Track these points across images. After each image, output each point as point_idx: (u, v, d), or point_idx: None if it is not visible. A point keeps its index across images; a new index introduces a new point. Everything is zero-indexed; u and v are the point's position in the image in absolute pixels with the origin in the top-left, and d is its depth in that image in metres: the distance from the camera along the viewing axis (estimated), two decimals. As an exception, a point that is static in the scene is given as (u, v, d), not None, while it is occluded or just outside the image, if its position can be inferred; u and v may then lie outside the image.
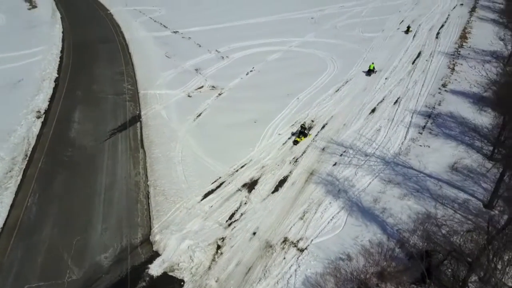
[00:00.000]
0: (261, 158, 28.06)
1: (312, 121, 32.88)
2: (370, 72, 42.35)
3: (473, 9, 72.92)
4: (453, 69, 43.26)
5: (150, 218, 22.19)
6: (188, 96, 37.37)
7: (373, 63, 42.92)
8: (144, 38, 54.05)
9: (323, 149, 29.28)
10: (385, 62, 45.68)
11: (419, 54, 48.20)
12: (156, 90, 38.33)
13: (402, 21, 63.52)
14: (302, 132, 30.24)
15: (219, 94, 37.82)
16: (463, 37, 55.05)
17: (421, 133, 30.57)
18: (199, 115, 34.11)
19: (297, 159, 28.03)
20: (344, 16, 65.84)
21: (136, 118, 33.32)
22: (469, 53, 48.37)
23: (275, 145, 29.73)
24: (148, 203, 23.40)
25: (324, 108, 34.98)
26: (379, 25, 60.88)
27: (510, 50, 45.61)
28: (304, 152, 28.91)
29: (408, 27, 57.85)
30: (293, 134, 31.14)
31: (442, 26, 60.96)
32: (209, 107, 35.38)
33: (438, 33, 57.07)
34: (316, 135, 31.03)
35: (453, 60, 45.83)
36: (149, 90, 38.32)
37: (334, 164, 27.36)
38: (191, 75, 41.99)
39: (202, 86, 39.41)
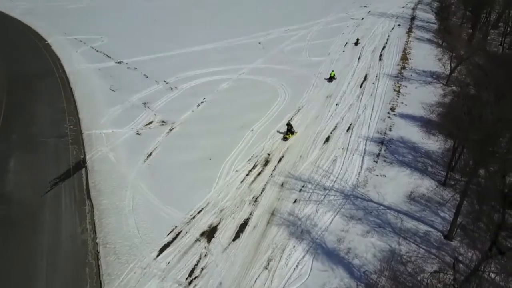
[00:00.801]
0: (219, 200, 26.79)
1: (269, 154, 32.20)
2: (331, 79, 47.91)
3: (410, 30, 76.99)
4: (398, 92, 44.75)
5: (100, 284, 20.04)
6: (137, 134, 35.40)
7: (333, 71, 48.99)
8: (86, 70, 51.16)
9: (282, 185, 28.58)
10: (334, 87, 46.44)
11: (366, 77, 49.57)
12: (102, 130, 35.95)
13: (346, 43, 65.58)
14: (289, 130, 34.46)
15: (170, 130, 36.22)
16: (404, 58, 57.60)
17: (376, 162, 30.84)
18: (150, 154, 32.28)
19: (256, 199, 27.07)
20: (290, 40, 66.77)
21: (81, 164, 30.82)
22: (411, 75, 50.48)
23: (233, 184, 28.62)
24: (98, 266, 21.22)
25: (279, 139, 34.46)
26: (324, 48, 62.32)
27: (448, 71, 48.07)
28: (263, 189, 28.04)
29: (357, 40, 63.06)
30: (280, 132, 35.55)
31: (384, 47, 63.59)
32: (160, 145, 33.66)
33: (381, 55, 59.37)
34: (273, 170, 30.32)
35: (398, 83, 47.51)
36: (94, 130, 35.84)
37: (295, 201, 26.70)
38: (139, 110, 40.02)
39: (151, 122, 37.61)
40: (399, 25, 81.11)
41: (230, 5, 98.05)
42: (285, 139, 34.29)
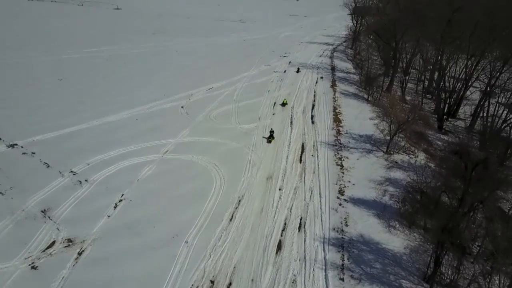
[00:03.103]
0: None
1: (212, 282, 25.58)
2: (284, 104, 56.06)
3: (334, 83, 77.11)
4: (342, 166, 41.48)
5: None
6: (33, 267, 26.52)
7: (285, 99, 59.54)
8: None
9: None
10: (273, 164, 41.88)
11: (303, 147, 46.04)
12: (-22, 266, 26.43)
13: (275, 103, 62.49)
14: (271, 135, 46.25)
15: (80, 254, 27.94)
16: (337, 119, 55.65)
17: (342, 279, 25.91)
18: (51, 302, 23.80)
19: None
20: (215, 102, 61.88)
21: None
22: (349, 141, 48.07)
23: None
24: None
25: (222, 254, 28.14)
26: (253, 111, 58.40)
27: (385, 133, 46.27)
28: None
29: (298, 69, 64.69)
30: (264, 137, 45.58)
31: (313, 106, 61.54)
32: (66, 283, 25.26)
33: (312, 116, 56.88)
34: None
35: (338, 153, 44.52)
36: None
37: None
38: (36, 223, 30.98)
39: (53, 243, 28.91)
40: (321, 77, 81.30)
41: (144, 61, 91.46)
42: (269, 142, 45.97)
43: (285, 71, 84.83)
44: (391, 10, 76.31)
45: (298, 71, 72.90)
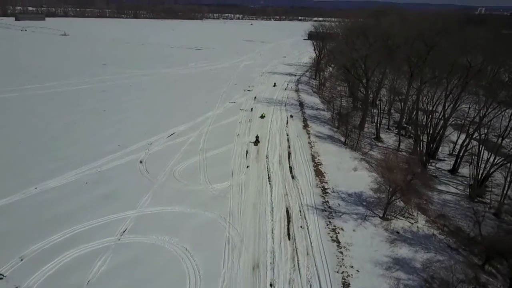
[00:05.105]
0: None
1: None
2: (262, 117, 63.00)
3: (305, 123, 71.97)
4: (338, 243, 35.15)
5: None
6: None
7: (263, 113, 66.99)
8: None
9: None
10: (257, 243, 34.79)
11: (289, 215, 39.40)
12: None
13: (247, 151, 55.84)
14: (257, 140, 57.43)
15: None
16: (319, 172, 49.90)
17: None
18: None
19: None
20: (179, 154, 54.12)
21: None
22: (338, 203, 42.13)
23: None
24: None
25: None
26: (224, 164, 51.34)
27: (378, 196, 40.91)
28: None
29: (275, 83, 64.62)
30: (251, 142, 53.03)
31: (289, 155, 55.50)
32: None
33: (291, 169, 50.72)
34: None
35: (330, 222, 38.30)
36: None
37: None
38: None
39: None
40: (291, 116, 76.00)
41: (94, 99, 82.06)
42: (256, 144, 56.96)
43: (252, 109, 78.70)
44: (361, 45, 72.87)
45: (274, 85, 77.76)
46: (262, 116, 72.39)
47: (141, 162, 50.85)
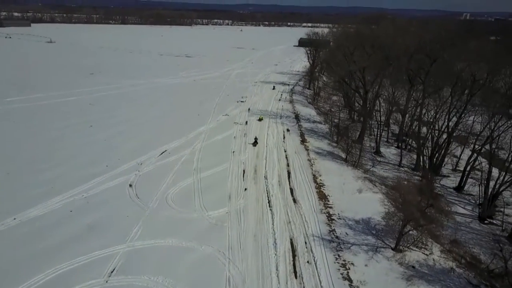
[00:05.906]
0: None
1: None
2: (260, 120, 64.40)
3: (303, 138, 68.90)
4: (350, 281, 31.99)
5: None
6: None
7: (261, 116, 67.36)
8: None
9: None
10: (258, 281, 31.45)
11: (293, 248, 36.03)
12: None
13: (244, 171, 52.54)
14: (255, 141, 61.38)
15: None
16: (321, 195, 46.81)
17: None
18: None
19: None
20: (171, 174, 50.56)
21: None
22: (346, 233, 39.01)
23: None
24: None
25: None
26: (220, 186, 47.97)
27: (390, 223, 37.88)
28: None
29: (274, 87, 64.43)
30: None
31: (289, 175, 52.33)
32: None
33: (291, 191, 47.63)
34: None
35: (339, 256, 35.08)
36: None
37: None
38: None
39: None
40: (288, 130, 73.00)
41: (81, 112, 77.97)
42: (255, 145, 60.92)
43: (246, 122, 75.41)
44: (359, 57, 70.31)
45: (273, 88, 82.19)
46: (260, 119, 75.92)
47: (130, 185, 47.11)
